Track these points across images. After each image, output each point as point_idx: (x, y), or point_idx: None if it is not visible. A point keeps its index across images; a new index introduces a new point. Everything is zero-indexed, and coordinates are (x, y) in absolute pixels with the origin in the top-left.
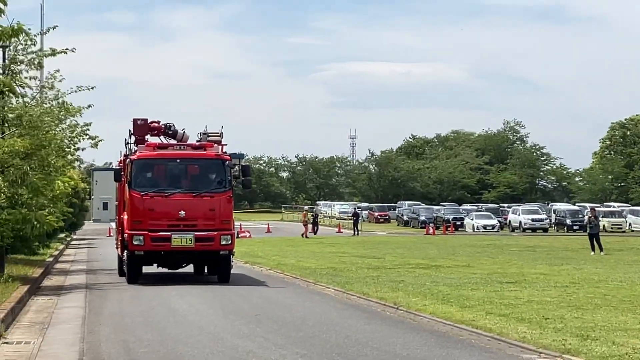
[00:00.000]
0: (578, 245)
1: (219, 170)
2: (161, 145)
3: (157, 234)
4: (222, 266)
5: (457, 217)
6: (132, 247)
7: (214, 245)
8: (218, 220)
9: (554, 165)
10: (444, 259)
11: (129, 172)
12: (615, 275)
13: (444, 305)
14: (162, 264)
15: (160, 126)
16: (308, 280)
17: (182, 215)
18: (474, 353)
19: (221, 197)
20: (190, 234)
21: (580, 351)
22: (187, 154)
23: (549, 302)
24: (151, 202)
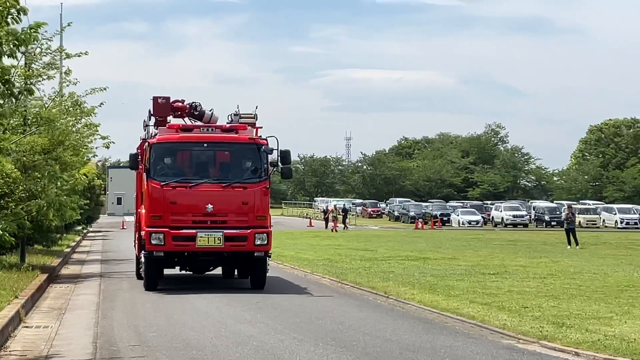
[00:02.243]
0: (555, 239)
1: (254, 156)
2: (185, 127)
3: (180, 231)
4: (256, 270)
5: (444, 213)
6: (150, 247)
7: (247, 245)
8: (252, 215)
9: (533, 166)
10: (432, 252)
11: (148, 159)
12: (590, 267)
13: (430, 295)
14: (186, 266)
15: (185, 106)
16: (305, 271)
17: (209, 209)
18: (458, 338)
19: (256, 189)
20: (219, 231)
21: (556, 337)
22: (215, 137)
23: (527, 292)
24: (173, 193)
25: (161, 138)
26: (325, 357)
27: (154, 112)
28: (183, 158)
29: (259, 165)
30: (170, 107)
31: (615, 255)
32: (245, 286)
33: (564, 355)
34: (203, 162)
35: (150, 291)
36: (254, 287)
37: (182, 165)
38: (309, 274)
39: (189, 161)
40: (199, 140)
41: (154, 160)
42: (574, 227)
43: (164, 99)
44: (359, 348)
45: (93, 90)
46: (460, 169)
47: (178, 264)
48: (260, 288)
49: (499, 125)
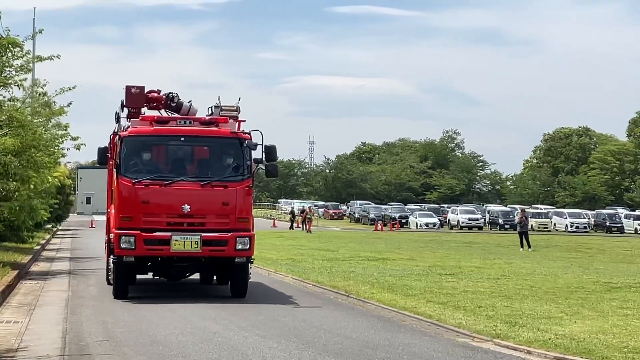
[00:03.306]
0: (509, 242)
1: (236, 152)
2: (160, 119)
3: (153, 234)
4: (237, 277)
5: (402, 216)
6: (119, 251)
7: (228, 250)
8: (233, 217)
9: (488, 171)
10: (391, 253)
11: (118, 153)
12: (541, 269)
13: (389, 294)
14: (159, 272)
15: (161, 96)
16: (269, 270)
17: (186, 210)
18: (416, 336)
19: (238, 188)
20: (196, 235)
21: (509, 336)
22: (194, 131)
23: (482, 292)
24: (146, 192)
25: (133, 131)
26: (288, 354)
27: (126, 103)
28: (157, 153)
29: (241, 161)
30: (145, 97)
31: (565, 257)
32: (225, 294)
33: (517, 354)
34: (179, 158)
35: (120, 299)
36: (234, 295)
37: (157, 161)
38: (272, 273)
39: (164, 157)
40: (175, 133)
41: (125, 155)
42: (526, 230)
43: (138, 89)
44: (320, 345)
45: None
46: (419, 173)
47: (151, 270)
48: (242, 296)
49: (455, 131)
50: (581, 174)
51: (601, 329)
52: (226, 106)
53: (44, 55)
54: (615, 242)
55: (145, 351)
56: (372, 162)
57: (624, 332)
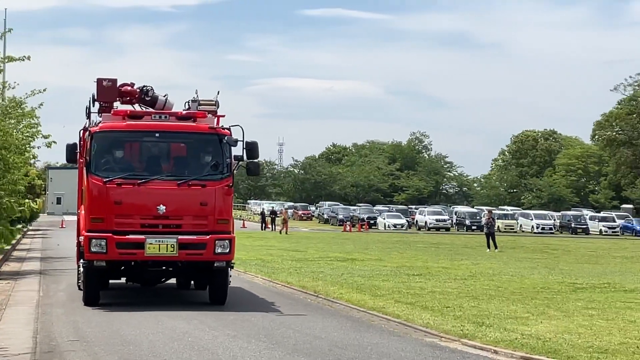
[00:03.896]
0: (476, 243)
1: (215, 148)
2: (133, 114)
3: (126, 237)
4: (216, 283)
5: (370, 217)
6: (89, 255)
7: (206, 254)
8: (212, 218)
9: (455, 173)
10: (359, 253)
11: (89, 150)
12: (508, 269)
13: (358, 294)
14: (133, 278)
15: (135, 90)
16: (239, 270)
17: (161, 211)
18: (384, 336)
19: (217, 187)
20: (172, 237)
21: (476, 336)
22: (169, 126)
23: (449, 292)
24: (118, 192)
25: (105, 126)
26: (258, 353)
27: (98, 97)
28: (131, 150)
29: (220, 159)
30: (118, 91)
31: (531, 258)
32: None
33: (484, 353)
34: (154, 155)
35: (90, 307)
36: (213, 301)
37: (130, 158)
38: (242, 274)
39: (138, 154)
40: (149, 129)
41: (96, 152)
42: (493, 232)
43: (110, 82)
44: (290, 344)
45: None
46: (387, 174)
47: (124, 275)
48: (221, 303)
49: (423, 133)
50: (547, 176)
51: (567, 329)
52: (204, 100)
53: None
54: (580, 243)
55: (116, 351)
56: (341, 164)
57: (589, 332)
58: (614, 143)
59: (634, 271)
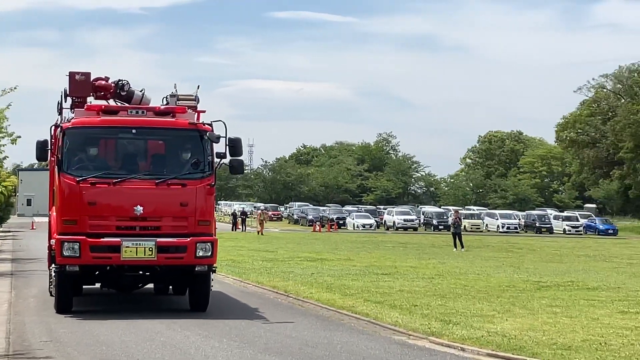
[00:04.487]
0: (443, 242)
1: (195, 145)
2: (108, 109)
3: (101, 240)
4: (197, 288)
5: (340, 217)
6: (61, 260)
7: (187, 257)
8: (193, 220)
9: (423, 173)
10: (328, 253)
11: (60, 148)
12: (474, 268)
13: (327, 293)
14: (108, 283)
15: (109, 84)
16: None
17: (138, 212)
18: (354, 335)
19: (198, 186)
20: (150, 240)
21: (444, 334)
22: (147, 122)
23: (417, 291)
24: (92, 192)
25: (77, 122)
26: (230, 352)
27: (70, 92)
28: (105, 147)
29: (201, 156)
30: (92, 85)
31: (497, 257)
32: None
33: (451, 351)
34: (131, 153)
35: (62, 314)
36: (193, 308)
37: (105, 156)
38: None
39: (114, 151)
40: (125, 124)
41: (68, 150)
42: (460, 231)
43: (83, 75)
44: (262, 344)
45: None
46: (355, 175)
47: (98, 281)
48: (202, 310)
49: (390, 134)
50: (512, 176)
51: (531, 326)
52: (183, 95)
53: None
54: (544, 242)
55: (89, 351)
56: (310, 165)
57: (553, 330)
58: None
59: (596, 270)
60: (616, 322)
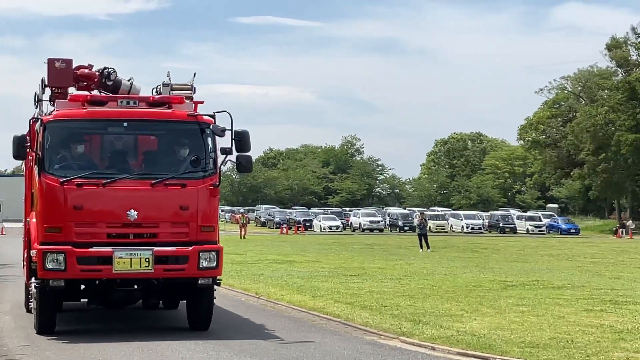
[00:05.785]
0: (409, 243)
1: (196, 140)
2: (95, 100)
3: (89, 250)
4: (199, 303)
5: (306, 219)
6: (44, 274)
7: (189, 269)
8: (194, 225)
9: (387, 175)
10: (297, 255)
11: (41, 144)
12: (441, 269)
13: (298, 295)
14: (96, 299)
15: (93, 73)
16: None
17: (132, 217)
18: (326, 335)
19: (200, 187)
20: (146, 250)
21: (414, 333)
22: (140, 113)
23: (386, 292)
24: (78, 194)
25: (60, 114)
26: (206, 354)
27: (49, 82)
28: (93, 143)
29: (203, 152)
30: (73, 74)
31: (462, 257)
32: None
33: (422, 350)
34: (122, 149)
35: (45, 335)
36: (194, 326)
37: (92, 153)
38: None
39: (102, 148)
40: (115, 117)
41: (50, 147)
42: (425, 232)
43: (64, 63)
44: (237, 345)
45: None
46: (321, 178)
47: (85, 296)
48: (204, 329)
49: (354, 137)
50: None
51: (499, 325)
52: (178, 85)
53: None
54: (508, 242)
55: (67, 355)
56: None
57: (521, 328)
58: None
59: (560, 269)
60: (581, 320)
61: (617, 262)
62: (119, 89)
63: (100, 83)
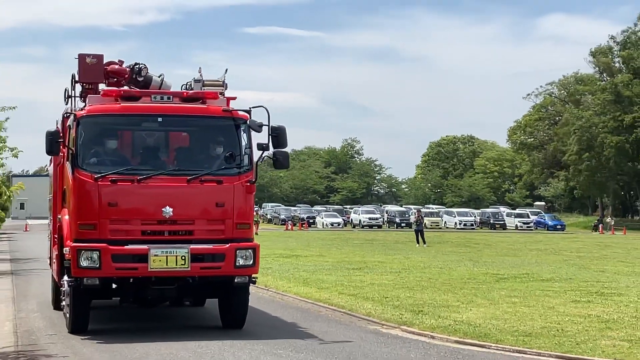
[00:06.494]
0: (406, 239)
1: (231, 136)
2: (128, 95)
3: (125, 247)
4: (235, 302)
5: (310, 216)
6: (78, 272)
7: (225, 267)
8: (230, 222)
9: (385, 175)
10: (302, 250)
11: (74, 140)
12: (436, 262)
13: (305, 287)
14: (130, 298)
15: (124, 69)
16: None
17: (167, 214)
18: (332, 325)
19: (235, 184)
20: (182, 247)
21: (414, 323)
22: (175, 109)
23: (387, 284)
24: (112, 191)
25: (94, 109)
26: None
27: (80, 77)
28: (126, 139)
29: (238, 148)
30: (104, 70)
31: (457, 252)
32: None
33: (422, 338)
34: (157, 145)
35: (78, 335)
36: (228, 324)
37: (126, 149)
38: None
39: (136, 143)
40: (150, 112)
41: (84, 142)
42: (422, 228)
43: (95, 58)
44: (250, 333)
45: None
46: (323, 177)
47: (117, 294)
48: (239, 327)
49: (354, 139)
50: (466, 177)
51: (494, 315)
52: (210, 80)
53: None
54: (499, 237)
55: (91, 342)
56: None
57: (514, 318)
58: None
59: (548, 262)
60: (570, 311)
61: (601, 256)
62: (150, 85)
63: (130, 79)
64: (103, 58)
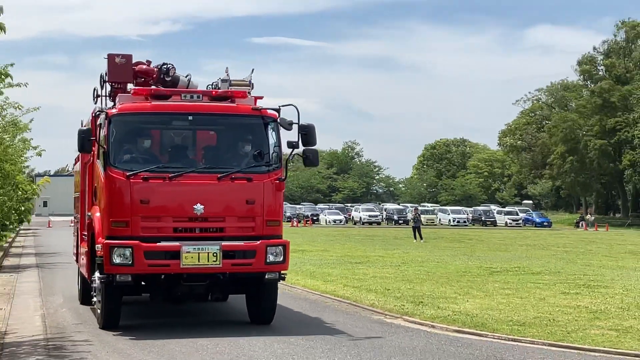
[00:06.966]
0: (404, 235)
1: (259, 134)
2: (158, 93)
3: (157, 244)
4: (264, 298)
5: (314, 214)
6: (110, 269)
7: (256, 264)
8: (261, 220)
9: (383, 175)
10: (307, 245)
11: (105, 138)
12: (433, 257)
13: (312, 280)
14: (160, 294)
15: (152, 69)
16: None
17: (198, 211)
18: (339, 315)
19: (265, 181)
20: (214, 244)
21: (415, 313)
22: (204, 107)
23: (388, 277)
24: (144, 188)
25: (126, 108)
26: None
27: (109, 77)
28: (157, 137)
29: (267, 146)
30: (132, 70)
31: (451, 247)
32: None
33: (423, 328)
34: (187, 143)
35: (109, 330)
36: (256, 320)
37: (157, 147)
38: None
39: (166, 141)
40: (180, 110)
41: (115, 140)
42: (419, 225)
43: (124, 58)
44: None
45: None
46: (326, 177)
47: (147, 291)
48: (268, 323)
49: (354, 142)
50: (459, 177)
51: (489, 306)
52: (237, 80)
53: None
54: (490, 233)
55: (116, 332)
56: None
57: (508, 308)
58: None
59: (537, 257)
60: (560, 302)
61: (586, 251)
62: (177, 85)
63: (158, 79)
64: (132, 58)
